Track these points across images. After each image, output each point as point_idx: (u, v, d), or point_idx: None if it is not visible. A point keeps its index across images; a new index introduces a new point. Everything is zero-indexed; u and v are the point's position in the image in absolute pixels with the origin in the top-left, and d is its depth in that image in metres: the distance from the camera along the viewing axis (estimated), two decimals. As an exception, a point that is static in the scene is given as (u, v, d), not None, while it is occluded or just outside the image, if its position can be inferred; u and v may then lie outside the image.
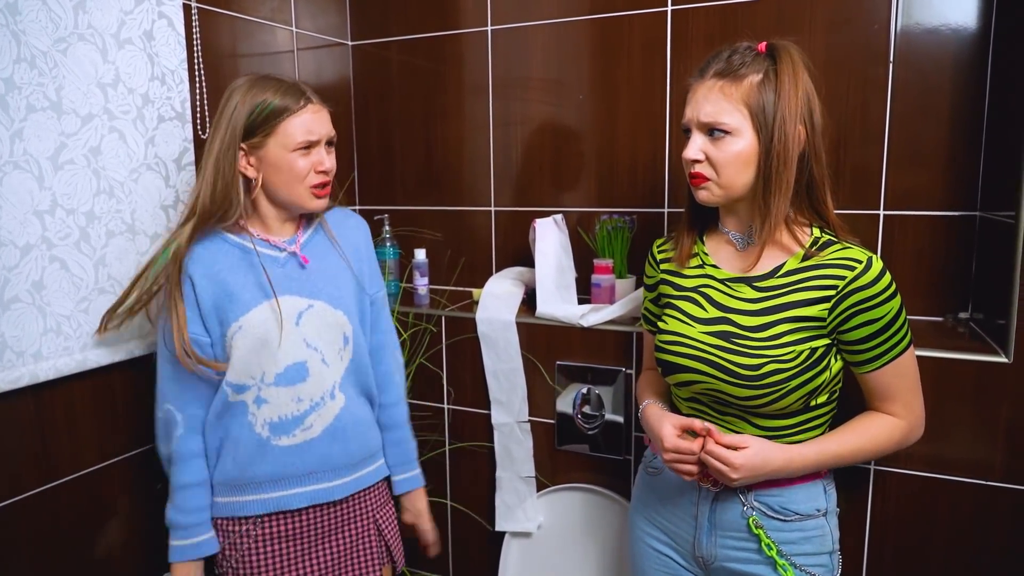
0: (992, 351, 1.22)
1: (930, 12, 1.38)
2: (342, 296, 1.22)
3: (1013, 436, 1.20)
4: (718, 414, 1.08)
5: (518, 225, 1.81)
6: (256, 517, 1.17)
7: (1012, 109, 1.20)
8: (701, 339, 1.07)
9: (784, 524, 1.05)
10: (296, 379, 1.16)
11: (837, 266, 1.00)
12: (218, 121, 1.14)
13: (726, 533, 1.08)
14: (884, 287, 0.99)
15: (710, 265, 1.12)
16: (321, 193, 1.18)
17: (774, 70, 1.01)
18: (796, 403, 1.01)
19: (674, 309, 1.13)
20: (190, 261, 1.14)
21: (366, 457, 1.26)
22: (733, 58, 1.02)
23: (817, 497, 1.06)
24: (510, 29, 1.75)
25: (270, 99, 1.12)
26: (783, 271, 1.05)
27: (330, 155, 1.19)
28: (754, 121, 1.00)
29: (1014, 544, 1.22)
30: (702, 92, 1.03)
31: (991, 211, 1.32)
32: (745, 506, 1.06)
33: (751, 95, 1.00)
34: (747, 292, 1.06)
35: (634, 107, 1.65)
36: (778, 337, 1.01)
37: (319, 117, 1.16)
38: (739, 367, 1.01)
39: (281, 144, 1.13)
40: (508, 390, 1.61)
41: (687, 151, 1.05)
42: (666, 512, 1.16)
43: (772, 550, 1.03)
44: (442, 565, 1.80)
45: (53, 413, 1.20)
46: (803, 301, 1.01)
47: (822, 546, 1.06)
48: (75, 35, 1.18)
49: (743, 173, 1.02)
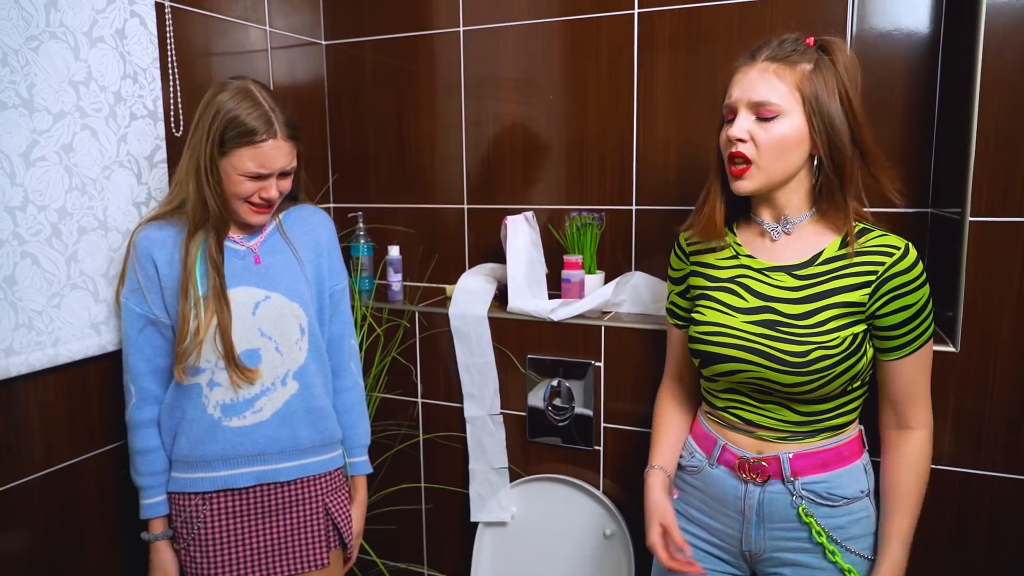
0: (942, 342, 1.27)
1: (883, 17, 1.43)
2: (299, 289, 1.27)
3: (960, 422, 1.25)
4: (757, 402, 1.09)
5: (490, 222, 1.84)
6: (205, 494, 1.23)
7: (960, 110, 1.26)
8: (745, 328, 1.07)
9: (833, 510, 1.06)
10: (249, 364, 1.22)
11: (876, 252, 1.02)
12: (198, 124, 1.18)
13: (775, 525, 1.08)
14: (919, 273, 1.02)
15: (745, 255, 1.13)
16: (259, 211, 1.22)
17: (827, 61, 1.03)
18: (838, 388, 1.04)
19: (710, 300, 1.13)
20: (154, 246, 1.20)
21: (318, 445, 1.30)
22: (785, 44, 1.05)
23: (860, 478, 1.08)
24: (482, 30, 1.78)
25: (241, 119, 1.15)
26: (822, 259, 1.06)
27: (283, 181, 1.23)
28: (806, 106, 1.02)
29: (961, 523, 1.27)
30: (754, 74, 1.04)
31: (941, 208, 1.38)
32: (794, 496, 1.06)
33: (804, 81, 1.02)
34: (787, 280, 1.07)
35: (602, 107, 1.69)
36: (824, 324, 1.03)
37: (277, 153, 1.18)
38: (787, 354, 1.03)
39: (233, 164, 1.17)
40: (480, 384, 1.64)
41: (733, 129, 1.05)
42: (710, 511, 1.15)
43: (822, 536, 1.05)
44: (416, 555, 1.83)
45: (26, 408, 1.20)
46: (846, 287, 1.03)
47: (868, 527, 1.08)
48: (47, 33, 1.19)
49: (786, 157, 1.03)
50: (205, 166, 1.17)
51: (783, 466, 1.07)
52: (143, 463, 1.23)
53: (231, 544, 1.24)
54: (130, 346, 1.22)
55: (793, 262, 1.08)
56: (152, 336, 1.22)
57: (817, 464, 1.07)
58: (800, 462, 1.07)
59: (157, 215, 1.24)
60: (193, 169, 1.18)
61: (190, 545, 1.23)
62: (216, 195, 1.18)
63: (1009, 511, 1.24)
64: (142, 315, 1.21)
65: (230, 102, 1.16)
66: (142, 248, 1.21)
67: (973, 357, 1.23)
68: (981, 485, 1.25)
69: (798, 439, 1.08)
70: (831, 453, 1.07)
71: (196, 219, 1.19)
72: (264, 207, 1.22)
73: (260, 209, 1.22)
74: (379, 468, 1.79)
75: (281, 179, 1.22)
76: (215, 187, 1.18)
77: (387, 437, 1.78)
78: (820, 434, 1.08)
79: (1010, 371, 1.21)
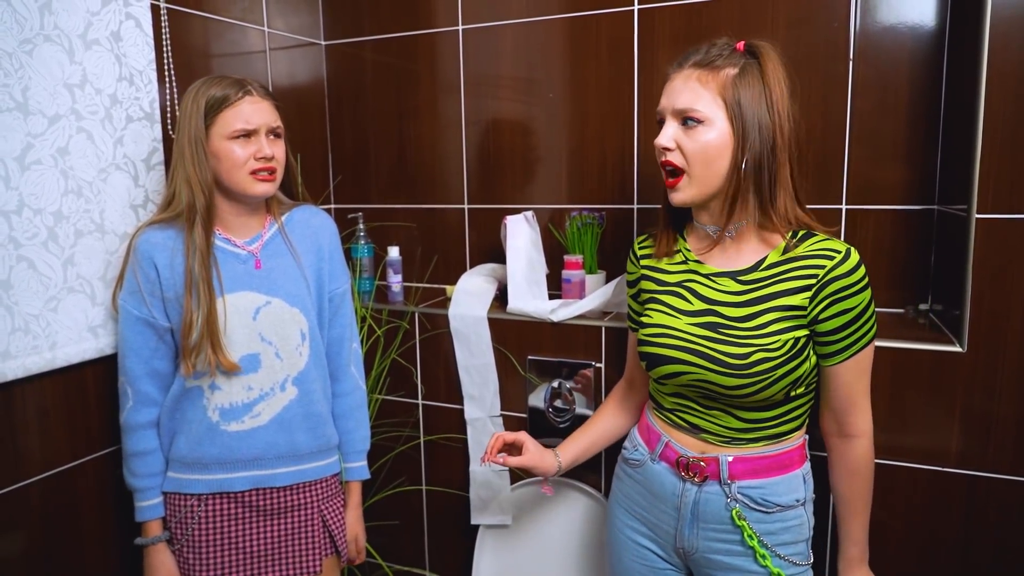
0: (948, 341, 1.25)
1: (887, 10, 1.41)
2: (299, 294, 1.27)
3: (967, 423, 1.23)
4: (703, 408, 1.10)
5: (491, 222, 1.83)
6: (201, 495, 1.24)
7: (966, 105, 1.24)
8: (688, 330, 1.08)
9: (766, 516, 1.07)
10: (248, 369, 1.22)
11: (817, 256, 1.02)
12: (179, 124, 1.20)
13: (708, 525, 1.09)
14: (860, 278, 1.01)
15: (694, 260, 1.14)
16: (263, 178, 1.21)
17: (754, 66, 1.02)
18: (779, 393, 1.04)
19: (658, 303, 1.15)
20: (155, 249, 1.20)
21: (315, 451, 1.29)
22: (712, 51, 1.04)
23: (797, 488, 1.09)
24: (481, 28, 1.77)
25: (213, 92, 1.18)
26: (765, 264, 1.06)
27: (275, 144, 1.23)
28: (729, 113, 1.01)
29: (968, 528, 1.25)
30: (679, 81, 1.05)
31: (947, 205, 1.35)
32: (728, 498, 1.07)
33: (727, 87, 1.01)
34: (731, 286, 1.08)
35: (603, 105, 1.67)
36: (764, 326, 1.03)
37: (258, 108, 1.20)
38: (727, 356, 1.03)
39: (220, 133, 1.18)
40: (480, 385, 1.63)
41: (659, 138, 1.06)
42: (647, 504, 1.17)
43: (754, 540, 1.06)
44: (418, 557, 1.82)
45: (24, 412, 1.20)
46: (787, 291, 1.03)
47: (799, 535, 1.09)
48: (41, 36, 1.19)
49: (714, 164, 1.03)
50: (191, 153, 1.18)
51: (721, 468, 1.08)
52: (139, 465, 1.23)
53: (225, 547, 1.24)
54: (127, 348, 1.22)
55: (738, 268, 1.09)
56: (150, 339, 1.22)
57: (756, 469, 1.07)
58: (739, 466, 1.07)
59: (157, 219, 1.23)
60: (183, 162, 1.19)
61: (184, 546, 1.24)
62: (201, 177, 1.18)
63: (1018, 515, 1.21)
64: (140, 318, 1.21)
65: (202, 86, 1.20)
66: (143, 251, 1.20)
67: (980, 357, 1.21)
68: (989, 488, 1.23)
69: (740, 444, 1.08)
70: (771, 460, 1.08)
71: (191, 215, 1.19)
72: (266, 174, 1.21)
73: (262, 177, 1.21)
74: (380, 470, 1.78)
75: (273, 140, 1.22)
76: (200, 169, 1.18)
77: (388, 439, 1.77)
78: (762, 441, 1.08)
79: (1018, 371, 1.18)
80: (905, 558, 1.29)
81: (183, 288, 1.19)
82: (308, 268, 1.30)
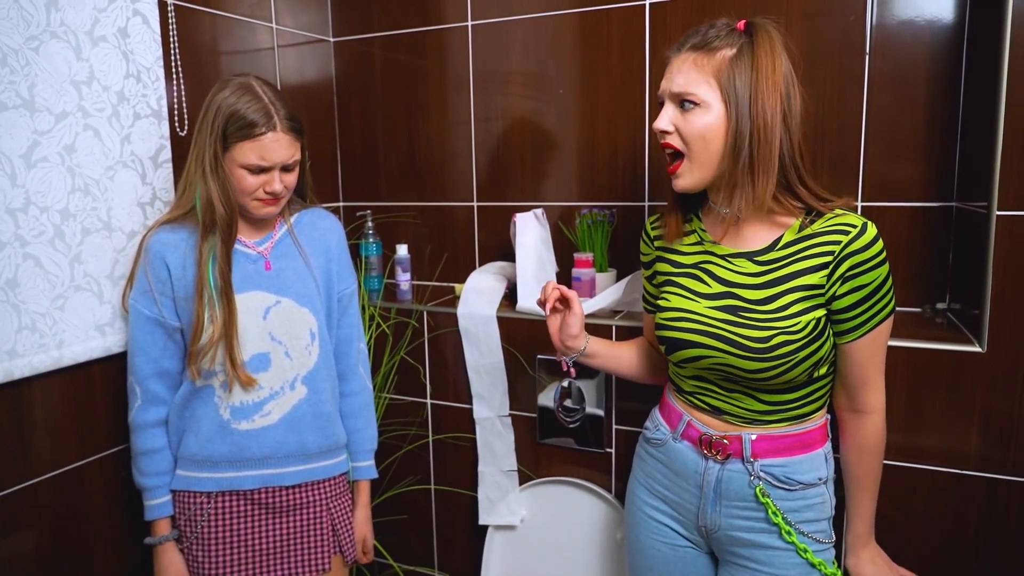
0: (967, 341, 1.22)
1: (905, 4, 1.38)
2: (309, 294, 1.27)
3: (987, 425, 1.20)
4: (724, 390, 1.09)
5: (500, 219, 1.81)
6: (210, 493, 1.24)
7: (986, 100, 1.21)
8: (707, 314, 1.07)
9: (789, 493, 1.06)
10: (258, 368, 1.22)
11: (833, 231, 1.00)
12: (201, 123, 1.18)
13: (732, 502, 1.08)
14: (876, 252, 0.99)
15: (709, 242, 1.12)
16: (267, 201, 1.21)
17: (750, 46, 1.00)
18: (802, 375, 1.02)
19: (675, 286, 1.13)
20: (166, 249, 1.20)
21: (324, 451, 1.29)
22: (709, 32, 1.03)
23: (819, 466, 1.08)
24: (490, 24, 1.75)
25: (241, 114, 1.15)
26: (782, 243, 1.05)
27: (288, 176, 1.21)
28: (723, 95, 1.00)
29: (988, 532, 1.22)
30: (676, 64, 1.04)
31: (966, 202, 1.32)
32: (752, 476, 1.07)
33: (722, 69, 1.00)
34: (748, 267, 1.06)
35: (614, 101, 1.65)
36: (785, 308, 1.01)
37: (278, 145, 1.17)
38: (748, 340, 1.02)
39: (235, 159, 1.17)
40: (489, 384, 1.62)
41: (657, 121, 1.06)
42: (669, 483, 1.16)
43: (779, 517, 1.05)
44: (427, 557, 1.81)
45: (31, 410, 1.20)
46: (805, 270, 1.01)
47: (822, 512, 1.08)
48: (47, 33, 1.18)
49: (711, 147, 1.02)
50: (210, 164, 1.17)
51: (744, 446, 1.07)
52: (148, 464, 1.23)
53: (233, 545, 1.24)
54: (137, 348, 1.22)
55: (755, 248, 1.07)
56: (160, 338, 1.21)
57: (779, 448, 1.07)
58: (762, 444, 1.07)
59: (169, 219, 1.23)
60: (199, 169, 1.18)
61: (192, 543, 1.23)
62: (223, 194, 1.17)
63: (1039, 518, 1.19)
64: (151, 318, 1.20)
65: (231, 98, 1.16)
66: (155, 251, 1.20)
67: (1000, 357, 1.18)
68: (1009, 491, 1.20)
69: (763, 424, 1.08)
70: (794, 439, 1.07)
71: (207, 221, 1.19)
72: (271, 200, 1.21)
73: (267, 201, 1.21)
74: (388, 469, 1.77)
75: (285, 173, 1.21)
76: (221, 185, 1.17)
77: (396, 438, 1.76)
78: (785, 422, 1.07)
79: (1040, 372, 1.16)
80: (923, 562, 1.26)
81: (194, 289, 1.18)
82: (317, 269, 1.30)
